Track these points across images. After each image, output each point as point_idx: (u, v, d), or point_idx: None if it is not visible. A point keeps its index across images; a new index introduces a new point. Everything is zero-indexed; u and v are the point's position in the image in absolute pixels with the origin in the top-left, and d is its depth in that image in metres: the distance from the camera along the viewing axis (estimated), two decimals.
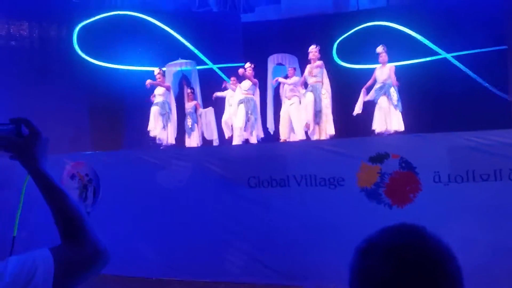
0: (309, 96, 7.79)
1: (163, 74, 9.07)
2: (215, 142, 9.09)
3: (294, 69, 8.44)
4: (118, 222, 6.61)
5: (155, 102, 8.80)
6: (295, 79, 8.24)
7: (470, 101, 9.78)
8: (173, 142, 8.90)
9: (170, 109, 8.88)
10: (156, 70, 9.02)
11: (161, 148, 8.60)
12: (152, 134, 8.71)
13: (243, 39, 12.09)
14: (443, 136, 5.74)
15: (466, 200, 5.26)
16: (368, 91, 7.99)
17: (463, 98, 9.87)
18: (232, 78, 9.13)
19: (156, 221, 6.55)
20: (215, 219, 6.32)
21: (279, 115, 8.34)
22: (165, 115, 8.72)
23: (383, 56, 7.92)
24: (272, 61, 9.01)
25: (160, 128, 8.66)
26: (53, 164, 6.72)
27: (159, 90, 8.86)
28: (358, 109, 8.00)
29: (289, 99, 8.16)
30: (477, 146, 5.28)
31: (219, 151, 6.99)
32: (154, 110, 8.72)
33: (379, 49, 8.00)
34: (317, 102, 7.74)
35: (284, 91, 8.37)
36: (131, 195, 6.68)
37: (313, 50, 7.91)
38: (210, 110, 9.26)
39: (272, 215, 6.09)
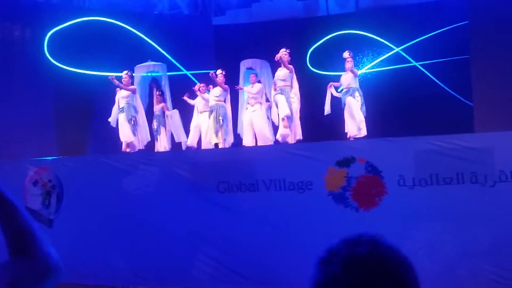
0: (280, 97, 7.85)
1: (131, 76, 8.89)
2: (184, 145, 9.01)
3: (256, 75, 8.51)
4: (82, 229, 6.44)
5: (120, 107, 8.61)
6: (258, 86, 8.28)
7: (434, 107, 10.09)
8: (142, 147, 8.73)
9: (136, 112, 8.69)
10: (124, 72, 8.82)
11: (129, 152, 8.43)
12: (128, 142, 8.44)
13: (215, 42, 12.09)
14: (407, 140, 5.87)
15: (430, 203, 5.38)
16: (335, 88, 8.21)
17: (428, 103, 10.18)
18: (202, 84, 9.10)
19: (123, 228, 6.41)
20: (184, 224, 6.25)
21: None
22: (131, 120, 8.54)
23: (349, 62, 8.11)
24: (244, 66, 9.05)
25: (131, 135, 8.49)
26: (15, 170, 6.52)
27: (123, 93, 8.69)
28: (328, 107, 8.17)
29: (252, 106, 8.21)
30: (440, 150, 5.42)
31: (187, 156, 6.93)
32: (121, 120, 8.50)
33: (345, 54, 8.18)
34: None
35: (247, 97, 8.42)
36: (96, 201, 6.52)
37: (283, 52, 7.98)
38: (175, 113, 9.16)
39: (241, 220, 6.07)
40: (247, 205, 6.08)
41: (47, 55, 10.32)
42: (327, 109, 8.20)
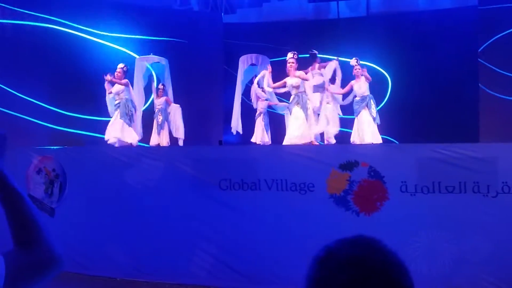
0: (299, 112, 7.78)
1: (124, 71, 8.56)
2: (181, 142, 9.04)
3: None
4: (84, 220, 6.48)
5: (116, 103, 8.42)
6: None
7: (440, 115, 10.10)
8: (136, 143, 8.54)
9: (134, 107, 8.49)
10: (120, 65, 8.57)
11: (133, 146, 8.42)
12: (111, 141, 8.28)
13: (224, 40, 12.12)
14: (411, 147, 5.87)
15: (432, 211, 5.38)
16: (343, 97, 8.21)
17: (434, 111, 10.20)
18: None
19: (123, 220, 6.44)
20: (184, 220, 6.26)
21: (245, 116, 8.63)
22: (127, 115, 8.32)
23: (357, 69, 8.06)
24: (243, 62, 9.07)
25: (119, 134, 8.24)
26: (20, 158, 6.55)
27: (117, 88, 8.41)
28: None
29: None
30: (444, 158, 5.41)
31: (191, 152, 6.94)
32: (114, 117, 8.30)
33: (353, 62, 8.11)
34: (304, 113, 7.79)
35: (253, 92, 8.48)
36: (98, 193, 6.55)
37: (291, 61, 7.82)
38: (178, 108, 9.17)
39: (242, 219, 6.07)
40: (248, 203, 6.08)
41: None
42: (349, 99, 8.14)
